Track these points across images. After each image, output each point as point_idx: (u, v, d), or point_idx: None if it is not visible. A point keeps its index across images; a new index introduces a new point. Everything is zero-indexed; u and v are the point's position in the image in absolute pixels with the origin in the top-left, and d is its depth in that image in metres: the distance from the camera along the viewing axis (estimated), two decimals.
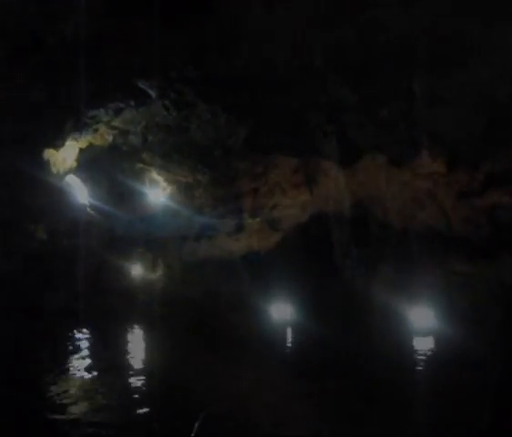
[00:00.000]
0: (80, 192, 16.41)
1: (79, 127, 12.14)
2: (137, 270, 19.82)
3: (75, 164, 14.39)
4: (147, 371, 12.21)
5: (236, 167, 12.92)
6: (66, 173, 14.79)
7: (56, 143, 12.51)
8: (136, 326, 18.06)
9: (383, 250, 17.83)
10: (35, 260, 21.27)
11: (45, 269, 21.39)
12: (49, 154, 13.39)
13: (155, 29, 8.27)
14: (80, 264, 20.19)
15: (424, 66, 8.96)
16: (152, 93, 10.86)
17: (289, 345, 14.55)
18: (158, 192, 16.65)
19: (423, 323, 14.33)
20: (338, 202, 16.76)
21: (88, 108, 11.18)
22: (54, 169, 14.15)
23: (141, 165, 14.79)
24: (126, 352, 14.54)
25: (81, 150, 13.82)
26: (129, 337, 16.91)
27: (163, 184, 15.53)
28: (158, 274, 19.21)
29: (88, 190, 16.51)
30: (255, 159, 12.69)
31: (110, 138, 12.75)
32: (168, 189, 15.51)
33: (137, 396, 10.54)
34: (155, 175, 15.57)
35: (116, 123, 11.92)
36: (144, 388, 11.03)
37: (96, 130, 12.46)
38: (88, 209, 17.19)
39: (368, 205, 16.86)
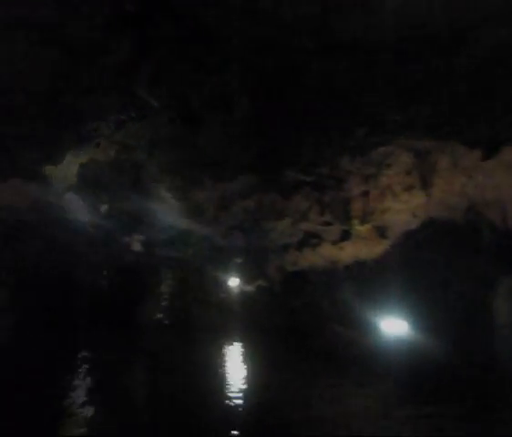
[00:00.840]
0: (81, 210, 15.42)
1: (79, 142, 10.99)
2: (234, 282, 19.13)
3: (75, 180, 13.42)
4: (244, 396, 11.26)
5: (345, 168, 11.76)
6: (68, 190, 13.89)
7: (55, 159, 11.44)
8: (233, 340, 17.31)
9: (501, 261, 16.11)
10: (129, 272, 21.22)
11: (139, 281, 21.28)
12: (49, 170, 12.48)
13: None
14: (175, 275, 19.82)
15: None
16: (154, 102, 9.72)
17: (402, 364, 13.16)
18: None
19: None
20: (451, 207, 15.19)
21: (88, 121, 9.90)
22: (55, 186, 13.33)
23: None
24: (221, 370, 13.73)
25: (82, 166, 12.72)
26: (225, 353, 16.15)
27: (172, 202, 14.04)
28: (256, 285, 18.37)
29: (89, 208, 15.50)
30: (366, 159, 11.45)
31: (112, 154, 11.49)
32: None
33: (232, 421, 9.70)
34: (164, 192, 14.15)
35: (118, 137, 10.65)
36: (240, 414, 10.14)
37: (97, 145, 11.30)
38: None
39: (482, 210, 15.16)
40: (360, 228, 14.03)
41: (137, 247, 19.34)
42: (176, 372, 13.53)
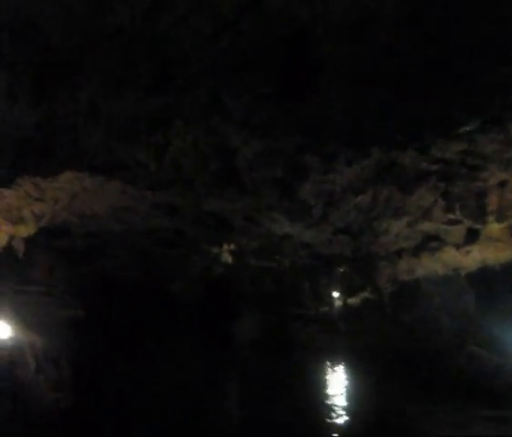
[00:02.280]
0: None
1: None
2: (336, 294, 17.07)
3: None
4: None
5: (480, 152, 9.38)
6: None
7: None
8: (337, 361, 15.25)
9: None
10: (219, 285, 19.76)
11: (230, 295, 19.79)
12: None
13: None
14: (271, 287, 18.14)
15: None
16: None
17: None
18: None
19: None
20: None
21: None
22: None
23: None
24: (325, 401, 11.70)
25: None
26: (329, 376, 14.14)
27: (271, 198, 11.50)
28: (361, 298, 16.19)
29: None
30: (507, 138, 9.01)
31: (193, 138, 9.19)
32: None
33: None
34: None
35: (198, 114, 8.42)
36: None
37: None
38: None
39: None
40: (494, 227, 11.54)
41: (226, 258, 17.86)
42: (274, 399, 11.74)
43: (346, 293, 16.73)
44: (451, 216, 11.19)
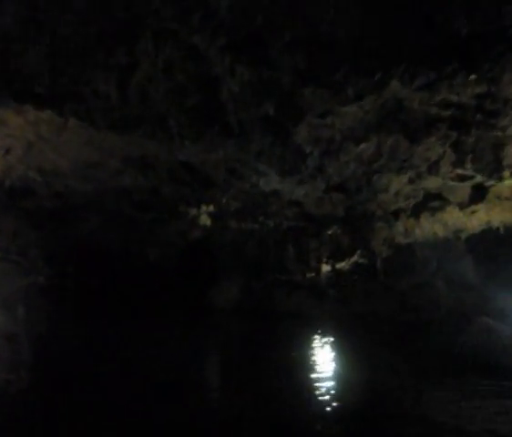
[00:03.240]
0: None
1: None
2: (326, 258, 15.89)
3: None
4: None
5: (501, 95, 8.12)
6: None
7: None
8: (325, 332, 14.11)
9: None
10: (198, 250, 18.68)
11: (210, 260, 18.73)
12: None
13: None
14: (254, 251, 17.00)
15: None
16: None
17: None
18: None
19: None
20: None
21: None
22: None
23: None
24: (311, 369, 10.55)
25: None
26: (315, 346, 13.01)
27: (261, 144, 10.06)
28: (351, 262, 15.02)
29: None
30: None
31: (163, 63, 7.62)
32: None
33: None
34: None
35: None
36: None
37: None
38: None
39: None
40: (506, 184, 10.37)
41: (205, 220, 16.63)
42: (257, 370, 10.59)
43: (335, 258, 15.55)
44: (460, 170, 9.97)
